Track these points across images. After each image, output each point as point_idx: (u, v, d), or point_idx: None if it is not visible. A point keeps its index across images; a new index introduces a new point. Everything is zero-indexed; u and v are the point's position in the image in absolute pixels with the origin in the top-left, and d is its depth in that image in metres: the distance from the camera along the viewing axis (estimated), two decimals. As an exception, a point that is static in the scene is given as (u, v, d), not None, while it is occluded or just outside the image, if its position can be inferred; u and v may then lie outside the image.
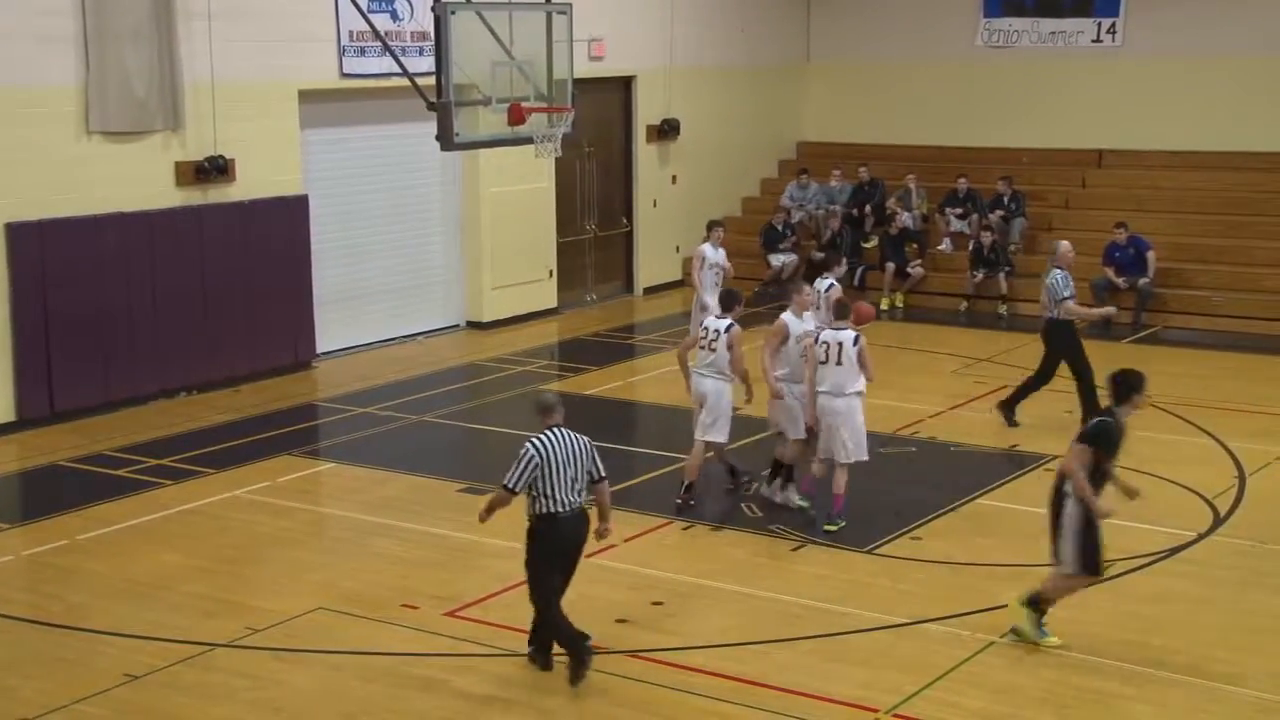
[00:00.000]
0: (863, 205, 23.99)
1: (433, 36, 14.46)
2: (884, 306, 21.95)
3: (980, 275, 22.27)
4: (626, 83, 23.27)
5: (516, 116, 14.39)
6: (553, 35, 14.92)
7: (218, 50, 17.02)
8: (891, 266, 22.71)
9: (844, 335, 12.36)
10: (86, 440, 15.42)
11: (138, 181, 16.57)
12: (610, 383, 18.18)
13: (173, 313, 16.91)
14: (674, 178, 24.16)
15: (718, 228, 17.57)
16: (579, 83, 15.46)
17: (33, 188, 15.69)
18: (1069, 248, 15.62)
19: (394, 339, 20.14)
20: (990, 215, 23.08)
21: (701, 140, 24.31)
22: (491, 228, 20.98)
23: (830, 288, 14.47)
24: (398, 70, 16.15)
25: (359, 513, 13.19)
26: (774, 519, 12.73)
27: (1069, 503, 9.81)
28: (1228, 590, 11.27)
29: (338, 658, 10.04)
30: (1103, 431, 9.82)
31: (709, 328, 13.09)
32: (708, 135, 24.43)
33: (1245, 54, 22.85)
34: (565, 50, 15.00)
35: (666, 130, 23.69)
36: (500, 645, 10.14)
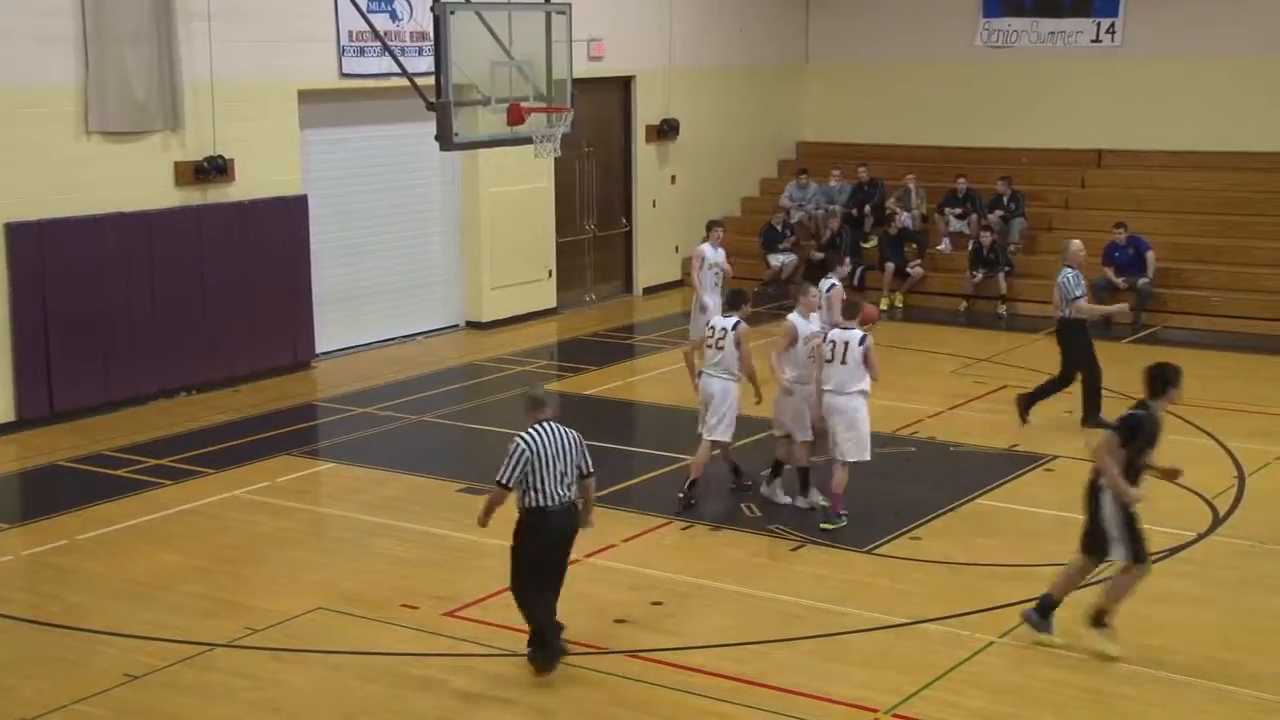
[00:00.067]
0: (862, 205, 23.98)
1: (432, 36, 14.47)
2: (883, 306, 21.90)
3: (980, 275, 22.27)
4: (626, 83, 23.26)
5: (516, 116, 14.39)
6: (552, 35, 14.93)
7: (217, 50, 17.01)
8: (891, 266, 22.71)
9: (851, 335, 12.38)
10: (86, 440, 15.41)
11: (137, 181, 16.56)
12: (609, 383, 18.16)
13: (172, 313, 16.91)
14: (673, 178, 24.15)
15: (717, 228, 17.54)
16: (578, 83, 15.47)
17: (32, 188, 15.69)
18: (1080, 247, 15.57)
19: (393, 339, 20.13)
20: (989, 215, 23.07)
21: (701, 140, 24.30)
22: (491, 228, 20.97)
23: (832, 288, 14.46)
24: (397, 70, 16.18)
25: (358, 513, 13.18)
26: (773, 519, 12.73)
27: (1105, 499, 9.72)
28: (1227, 590, 11.27)
29: (337, 658, 10.04)
30: (1137, 424, 9.73)
31: (716, 326, 13.07)
32: (707, 135, 24.42)
33: (1245, 54, 22.85)
34: (564, 50, 15.01)
35: (666, 130, 23.69)
36: (499, 645, 10.13)
